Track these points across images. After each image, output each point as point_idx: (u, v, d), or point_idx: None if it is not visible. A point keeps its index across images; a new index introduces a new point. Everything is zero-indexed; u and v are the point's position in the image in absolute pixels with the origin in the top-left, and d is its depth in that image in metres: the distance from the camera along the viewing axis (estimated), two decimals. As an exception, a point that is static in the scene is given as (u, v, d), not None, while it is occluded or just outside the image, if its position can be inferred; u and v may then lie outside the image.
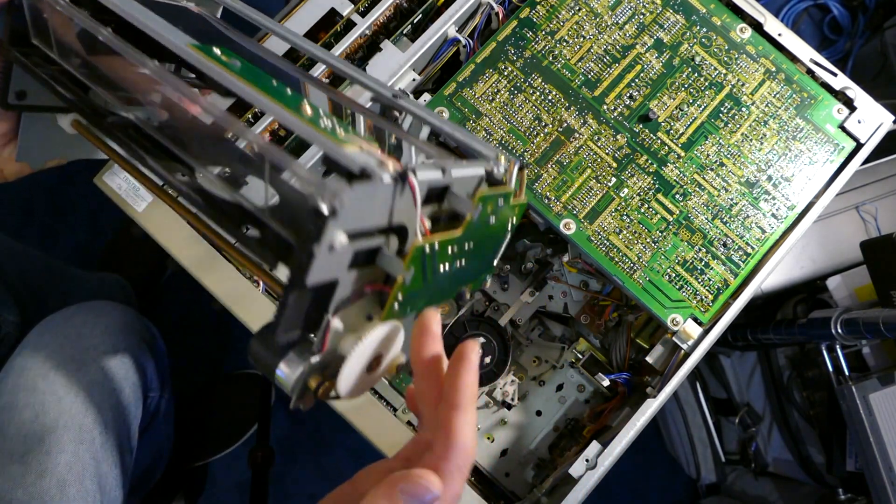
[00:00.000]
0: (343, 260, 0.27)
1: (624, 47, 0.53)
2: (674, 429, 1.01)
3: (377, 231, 0.28)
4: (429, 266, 0.30)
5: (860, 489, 0.74)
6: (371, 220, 0.27)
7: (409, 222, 0.29)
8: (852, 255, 0.73)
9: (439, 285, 0.32)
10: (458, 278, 0.33)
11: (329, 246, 0.25)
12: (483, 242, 0.33)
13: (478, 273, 0.36)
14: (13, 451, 0.49)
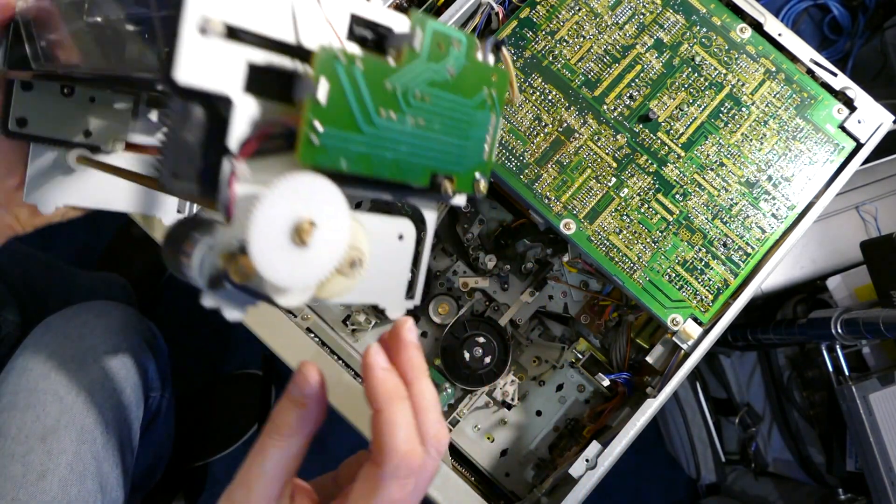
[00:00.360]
0: (232, 65, 0.22)
1: (624, 47, 0.53)
2: (674, 429, 1.01)
3: (282, 49, 0.24)
4: (356, 94, 0.25)
5: (860, 489, 0.74)
6: (266, 23, 0.23)
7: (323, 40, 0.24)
8: (852, 255, 0.73)
9: (390, 143, 0.27)
10: (426, 150, 0.28)
11: (199, 26, 0.21)
12: (453, 108, 0.29)
13: (459, 160, 0.30)
14: (14, 451, 0.49)
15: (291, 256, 0.23)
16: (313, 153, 0.24)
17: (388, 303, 0.30)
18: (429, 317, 0.59)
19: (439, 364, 0.58)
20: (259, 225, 0.22)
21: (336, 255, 0.25)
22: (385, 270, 0.30)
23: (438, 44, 0.27)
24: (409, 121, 0.27)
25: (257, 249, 0.22)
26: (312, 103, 0.23)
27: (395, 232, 0.30)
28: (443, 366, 0.57)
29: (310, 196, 0.23)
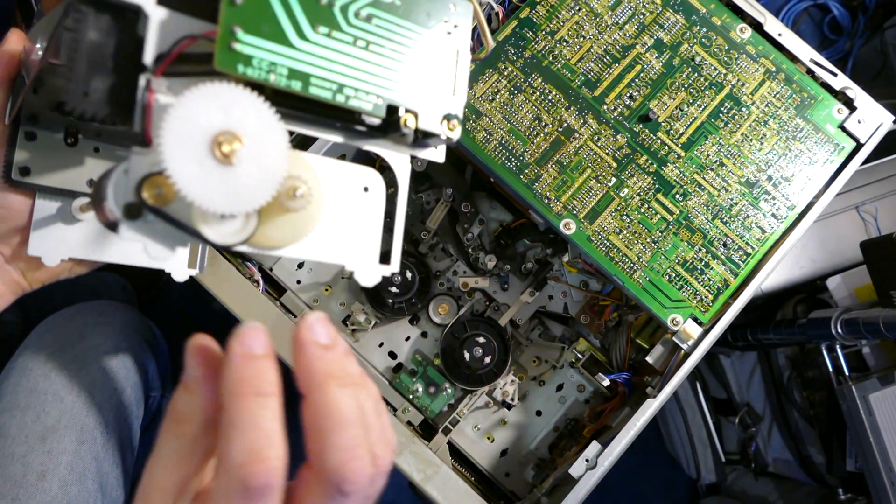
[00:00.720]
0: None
1: (624, 47, 0.53)
2: (674, 429, 1.01)
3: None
4: (281, 3, 0.23)
5: (860, 489, 0.74)
6: None
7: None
8: (852, 255, 0.73)
9: (328, 61, 0.24)
10: (376, 77, 0.25)
11: None
12: (402, 33, 0.26)
13: (419, 95, 0.27)
14: (14, 451, 0.49)
15: (214, 174, 0.20)
16: (233, 59, 0.21)
17: (356, 265, 0.27)
18: (429, 317, 0.59)
19: (439, 364, 0.58)
20: (172, 131, 0.19)
21: (271, 178, 0.21)
22: (350, 226, 0.26)
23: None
24: (351, 41, 0.24)
25: (172, 159, 0.19)
26: (228, 5, 0.21)
27: (359, 182, 0.27)
28: (443, 366, 0.57)
29: (234, 107, 0.21)
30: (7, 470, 0.48)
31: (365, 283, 0.28)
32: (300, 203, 0.23)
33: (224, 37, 0.21)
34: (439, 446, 0.54)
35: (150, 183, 0.20)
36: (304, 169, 0.24)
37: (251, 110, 0.21)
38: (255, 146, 0.21)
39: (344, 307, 0.59)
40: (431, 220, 0.58)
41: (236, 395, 0.22)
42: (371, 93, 0.25)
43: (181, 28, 0.22)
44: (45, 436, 0.49)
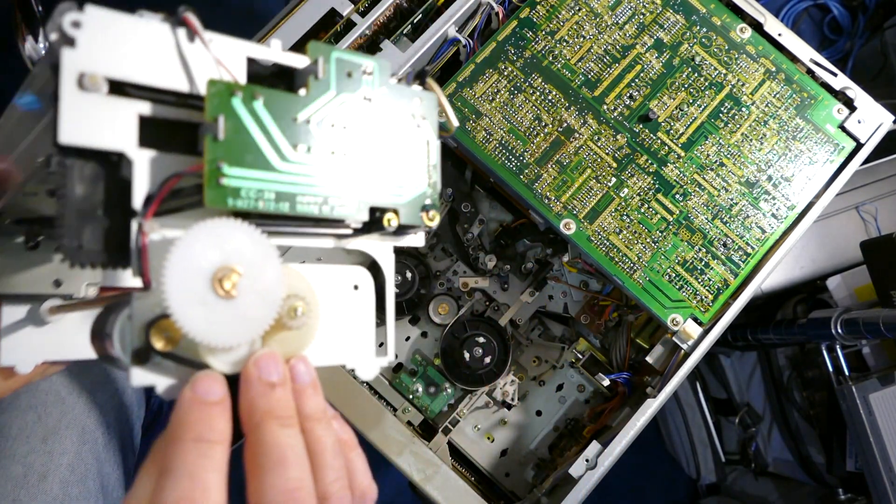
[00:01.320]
0: (122, 120, 0.21)
1: (624, 47, 0.53)
2: (674, 429, 1.01)
3: (178, 99, 0.23)
4: (263, 131, 0.23)
5: (860, 489, 0.74)
6: (157, 75, 0.22)
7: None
8: (852, 255, 0.73)
9: (311, 178, 0.25)
10: (355, 182, 0.26)
11: (77, 79, 0.20)
12: (379, 138, 0.27)
13: (399, 191, 0.28)
14: (15, 451, 0.49)
15: (218, 310, 0.21)
16: (222, 195, 0.22)
17: (356, 362, 0.28)
18: (429, 317, 0.59)
19: (439, 364, 0.58)
20: (174, 278, 0.20)
21: (271, 304, 0.23)
22: (344, 327, 0.28)
23: (347, 72, 0.26)
24: (329, 154, 0.25)
25: (176, 305, 0.20)
26: (212, 141, 0.22)
27: (348, 282, 0.28)
28: (443, 366, 0.57)
29: (229, 242, 0.22)
30: (8, 470, 0.48)
31: (366, 378, 0.28)
32: (300, 321, 0.24)
33: (211, 174, 0.22)
34: (439, 446, 0.54)
35: (156, 328, 0.21)
36: (298, 282, 0.25)
37: (245, 241, 0.22)
38: (253, 275, 0.22)
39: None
40: (431, 220, 0.58)
41: (175, 441, 0.21)
42: (353, 199, 0.26)
43: (165, 166, 0.22)
44: (46, 436, 0.49)
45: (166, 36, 0.22)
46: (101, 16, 0.21)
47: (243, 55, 0.25)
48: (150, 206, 0.21)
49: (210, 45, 0.23)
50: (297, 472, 0.22)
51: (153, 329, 0.21)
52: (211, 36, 0.23)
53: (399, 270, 0.57)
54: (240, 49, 0.24)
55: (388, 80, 0.28)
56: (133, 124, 0.22)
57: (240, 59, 0.25)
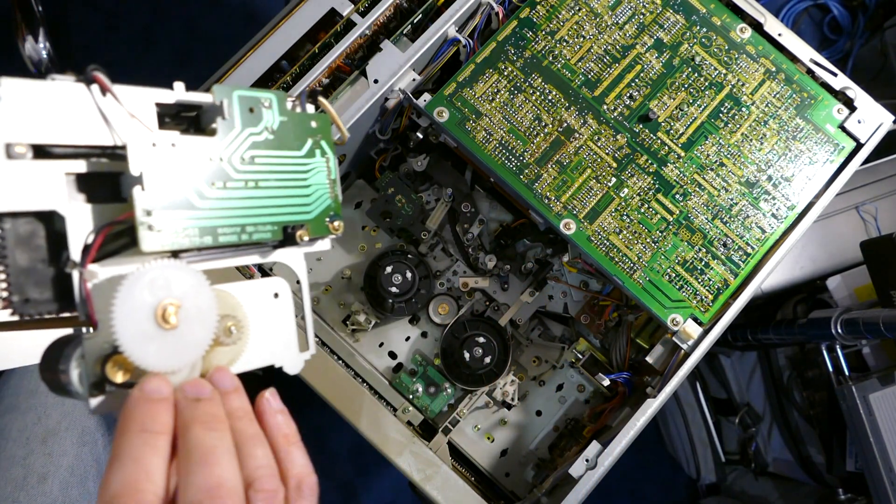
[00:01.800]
0: (51, 181, 0.23)
1: (624, 47, 0.53)
2: (674, 429, 1.01)
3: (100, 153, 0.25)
4: (180, 176, 0.26)
5: (860, 489, 0.74)
6: (77, 134, 0.24)
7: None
8: (852, 255, 0.73)
9: (229, 210, 0.27)
10: (269, 208, 0.29)
11: (5, 150, 0.22)
12: (283, 163, 0.30)
13: (306, 208, 0.31)
14: (15, 453, 0.49)
15: (165, 341, 0.24)
16: (154, 240, 0.25)
17: (284, 361, 0.31)
18: (429, 317, 0.59)
19: (439, 364, 0.58)
20: (124, 321, 0.23)
21: (208, 327, 0.26)
22: (270, 331, 0.30)
23: (249, 108, 0.28)
24: (243, 185, 0.28)
25: (129, 344, 0.23)
26: (139, 194, 0.24)
27: (269, 292, 0.31)
28: (443, 366, 0.57)
29: (165, 279, 0.24)
30: (8, 472, 0.48)
31: (292, 372, 0.31)
32: (234, 338, 0.28)
33: (141, 221, 0.24)
34: (439, 446, 0.54)
35: (111, 362, 0.23)
36: (230, 301, 0.28)
37: (179, 277, 0.25)
38: (190, 305, 0.25)
39: (344, 307, 0.59)
40: (431, 220, 0.58)
41: (123, 432, 0.23)
42: (268, 222, 0.29)
43: (96, 215, 0.25)
44: (45, 438, 0.49)
45: (81, 95, 0.24)
46: (18, 86, 0.22)
47: (152, 101, 0.26)
48: (87, 256, 0.23)
49: (120, 97, 0.25)
50: (219, 470, 0.24)
51: (109, 363, 0.24)
52: (120, 88, 0.25)
53: (399, 270, 0.57)
54: (147, 96, 0.26)
55: (287, 109, 0.30)
56: (61, 182, 0.24)
57: (149, 107, 0.26)
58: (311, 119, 0.31)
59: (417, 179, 0.59)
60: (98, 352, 0.24)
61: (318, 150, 0.32)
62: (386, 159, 0.60)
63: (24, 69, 0.96)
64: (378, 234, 0.61)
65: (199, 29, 1.12)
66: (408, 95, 0.52)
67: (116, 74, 0.25)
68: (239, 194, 0.28)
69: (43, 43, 0.95)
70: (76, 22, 1.10)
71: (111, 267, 0.25)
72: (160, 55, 1.11)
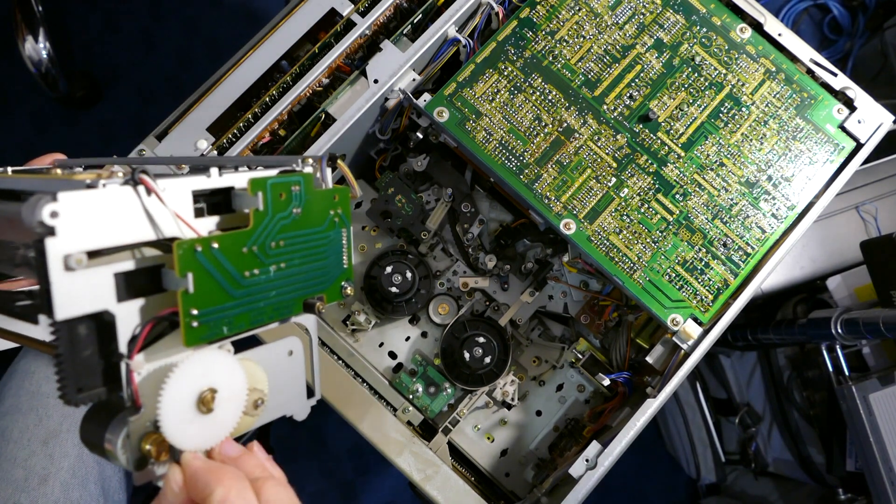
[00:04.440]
0: (101, 284, 0.25)
1: (624, 47, 0.53)
2: (674, 429, 1.01)
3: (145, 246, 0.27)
4: (220, 270, 0.27)
5: (860, 489, 0.74)
6: (125, 233, 0.25)
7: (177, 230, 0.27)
8: (852, 255, 0.73)
9: (260, 294, 0.29)
10: (294, 285, 0.31)
11: (63, 263, 0.23)
12: (307, 240, 0.31)
13: (324, 278, 0.33)
14: (16, 455, 0.49)
15: (202, 424, 0.27)
16: (197, 335, 0.27)
17: (294, 410, 0.33)
18: (429, 317, 0.59)
19: (439, 364, 0.58)
20: (168, 411, 0.25)
21: (240, 405, 0.28)
22: (284, 386, 0.32)
23: (279, 194, 0.30)
24: (273, 269, 0.30)
25: (172, 431, 0.26)
26: (185, 297, 0.26)
27: (285, 351, 0.32)
28: (443, 366, 0.57)
29: (204, 369, 0.27)
30: (9, 474, 0.48)
31: (300, 419, 0.34)
32: (260, 409, 0.30)
33: (185, 319, 0.26)
34: (439, 446, 0.54)
35: (152, 440, 0.26)
36: (254, 373, 0.30)
37: (219, 364, 0.27)
38: (226, 388, 0.27)
39: (344, 307, 0.59)
40: (431, 220, 0.58)
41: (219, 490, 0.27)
42: (292, 299, 0.31)
43: (141, 309, 0.26)
44: (47, 439, 0.49)
45: (128, 197, 0.25)
46: (73, 198, 0.23)
47: (188, 189, 0.28)
48: (134, 348, 0.25)
49: (164, 195, 0.26)
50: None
51: (149, 441, 0.26)
52: (163, 185, 0.26)
53: (399, 270, 0.57)
54: (185, 185, 0.28)
55: (312, 188, 0.32)
56: (111, 284, 0.25)
57: (186, 195, 0.28)
58: (332, 193, 0.33)
59: (417, 179, 0.59)
60: (141, 431, 0.26)
61: (338, 221, 0.33)
62: (386, 159, 0.60)
63: (25, 69, 0.96)
64: (378, 234, 0.61)
65: (199, 29, 1.12)
66: (408, 95, 0.52)
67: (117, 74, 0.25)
68: (269, 277, 0.30)
69: (43, 43, 0.95)
70: (76, 22, 1.10)
71: (155, 354, 0.27)
72: (160, 55, 1.11)
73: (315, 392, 0.34)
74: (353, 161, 0.59)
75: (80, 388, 0.25)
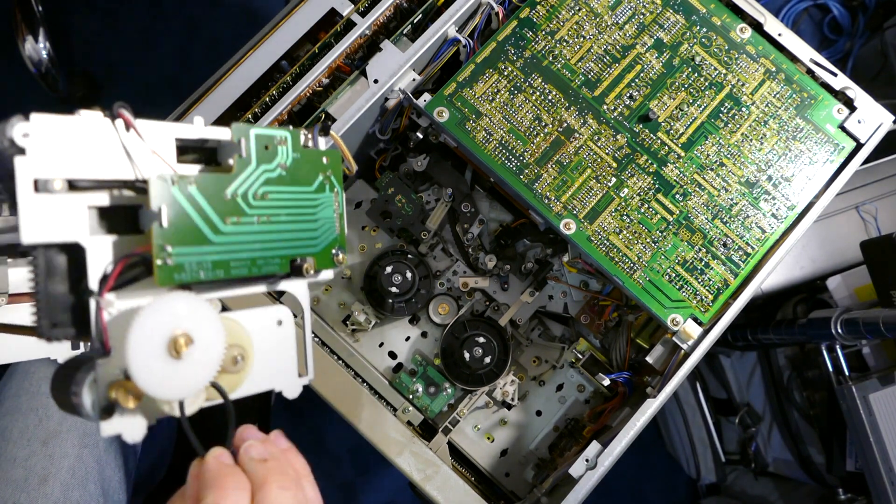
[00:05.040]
0: (75, 214, 0.24)
1: (624, 47, 0.53)
2: (674, 429, 1.01)
3: (123, 186, 0.26)
4: (197, 211, 0.27)
5: (860, 489, 0.74)
6: (100, 168, 0.25)
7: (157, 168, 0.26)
8: (852, 255, 0.73)
9: (242, 245, 0.29)
10: (279, 242, 0.30)
11: (33, 185, 0.23)
12: (294, 198, 0.31)
13: (313, 241, 0.32)
14: (16, 455, 0.49)
15: (173, 370, 0.25)
16: (170, 274, 0.26)
17: (283, 385, 0.32)
18: (429, 317, 0.59)
19: (439, 364, 0.58)
20: (136, 351, 0.24)
21: (215, 358, 0.27)
22: (272, 357, 0.31)
23: (265, 146, 0.30)
24: (255, 221, 0.29)
25: (140, 373, 0.24)
26: (158, 230, 0.25)
27: (274, 319, 0.32)
28: (443, 366, 0.57)
29: (178, 312, 0.25)
30: (9, 474, 0.48)
31: (291, 397, 0.32)
32: (240, 367, 0.29)
33: (158, 256, 0.25)
34: (439, 446, 0.54)
35: (122, 388, 0.24)
36: (236, 329, 0.29)
37: (191, 309, 0.26)
38: (199, 336, 0.26)
39: (344, 307, 0.59)
40: (431, 220, 0.58)
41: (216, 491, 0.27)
42: (277, 255, 0.31)
43: (114, 247, 0.26)
44: (47, 439, 0.49)
45: (106, 130, 0.25)
46: (46, 121, 0.23)
47: (172, 136, 0.27)
48: (105, 286, 0.25)
49: (143, 132, 0.26)
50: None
51: (119, 389, 0.25)
52: (142, 124, 0.26)
53: (399, 270, 0.57)
54: (168, 131, 0.27)
55: (300, 145, 0.31)
56: (84, 215, 0.25)
57: (169, 140, 0.27)
58: (322, 155, 0.32)
59: (417, 179, 0.59)
60: (110, 378, 0.25)
61: (328, 185, 0.33)
62: (386, 159, 0.60)
63: (25, 69, 0.96)
64: (378, 234, 0.61)
65: (199, 29, 1.12)
66: (408, 95, 0.52)
67: (116, 74, 0.25)
68: (252, 229, 0.29)
69: (43, 43, 0.95)
70: (76, 22, 1.10)
71: (128, 298, 0.26)
72: (160, 55, 1.11)
73: (308, 370, 0.33)
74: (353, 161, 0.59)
75: (54, 324, 0.24)
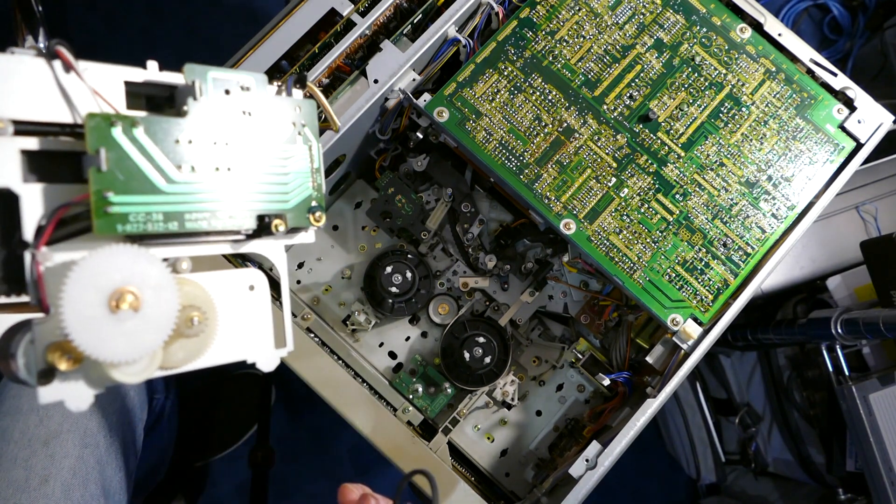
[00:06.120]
0: (4, 157, 0.22)
1: (624, 47, 0.53)
2: (674, 429, 1.01)
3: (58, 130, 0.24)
4: (145, 156, 0.24)
5: (860, 489, 0.74)
6: (36, 110, 0.23)
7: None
8: (852, 255, 0.73)
9: (199, 195, 0.26)
10: (244, 195, 0.27)
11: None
12: (261, 149, 0.28)
13: (284, 197, 0.29)
14: (17, 455, 0.49)
15: (117, 329, 0.22)
16: (110, 223, 0.23)
17: (257, 356, 0.29)
18: (429, 317, 0.59)
19: (439, 364, 0.58)
20: (71, 306, 0.21)
21: (166, 318, 0.24)
22: (243, 325, 0.29)
23: (225, 90, 0.27)
24: (213, 169, 0.26)
25: (76, 330, 0.21)
26: (95, 175, 0.23)
27: (244, 284, 0.29)
28: (443, 366, 0.57)
29: (120, 266, 0.23)
30: (9, 474, 0.48)
31: (266, 369, 0.30)
32: (198, 329, 0.26)
33: (98, 203, 0.23)
34: (439, 446, 0.54)
35: (59, 349, 0.22)
36: (196, 291, 0.26)
37: (136, 263, 0.23)
38: (146, 293, 0.23)
39: (344, 307, 0.59)
40: (431, 220, 0.58)
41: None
42: (240, 210, 0.27)
43: (54, 196, 0.23)
44: (47, 440, 0.49)
45: (42, 70, 0.23)
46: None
47: (120, 80, 0.25)
48: (41, 238, 0.22)
49: (85, 74, 0.24)
50: None
51: (57, 351, 0.22)
52: (86, 65, 0.24)
53: (399, 270, 0.57)
54: (116, 74, 0.25)
55: (267, 93, 0.28)
56: (16, 160, 0.22)
57: (118, 85, 0.25)
58: (293, 104, 0.30)
59: (417, 179, 0.59)
60: (49, 338, 0.22)
61: (302, 137, 0.30)
62: (386, 159, 0.60)
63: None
64: (378, 234, 0.61)
65: (199, 29, 1.12)
66: (408, 95, 0.52)
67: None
68: (209, 178, 0.26)
69: (43, 43, 0.95)
70: (76, 22, 1.10)
71: (68, 251, 0.23)
72: (160, 56, 1.11)
73: (286, 342, 0.31)
74: (353, 161, 0.59)
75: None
